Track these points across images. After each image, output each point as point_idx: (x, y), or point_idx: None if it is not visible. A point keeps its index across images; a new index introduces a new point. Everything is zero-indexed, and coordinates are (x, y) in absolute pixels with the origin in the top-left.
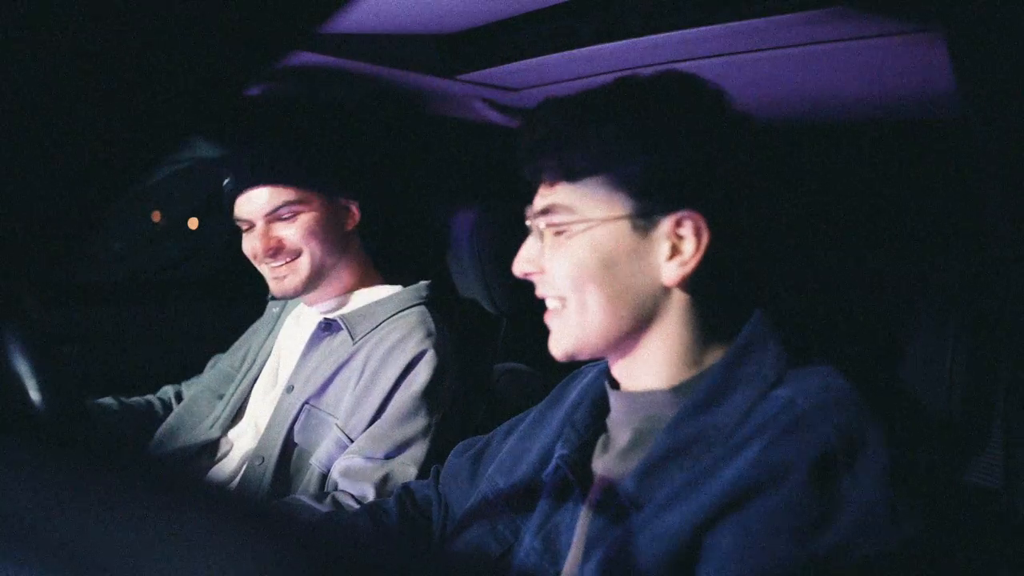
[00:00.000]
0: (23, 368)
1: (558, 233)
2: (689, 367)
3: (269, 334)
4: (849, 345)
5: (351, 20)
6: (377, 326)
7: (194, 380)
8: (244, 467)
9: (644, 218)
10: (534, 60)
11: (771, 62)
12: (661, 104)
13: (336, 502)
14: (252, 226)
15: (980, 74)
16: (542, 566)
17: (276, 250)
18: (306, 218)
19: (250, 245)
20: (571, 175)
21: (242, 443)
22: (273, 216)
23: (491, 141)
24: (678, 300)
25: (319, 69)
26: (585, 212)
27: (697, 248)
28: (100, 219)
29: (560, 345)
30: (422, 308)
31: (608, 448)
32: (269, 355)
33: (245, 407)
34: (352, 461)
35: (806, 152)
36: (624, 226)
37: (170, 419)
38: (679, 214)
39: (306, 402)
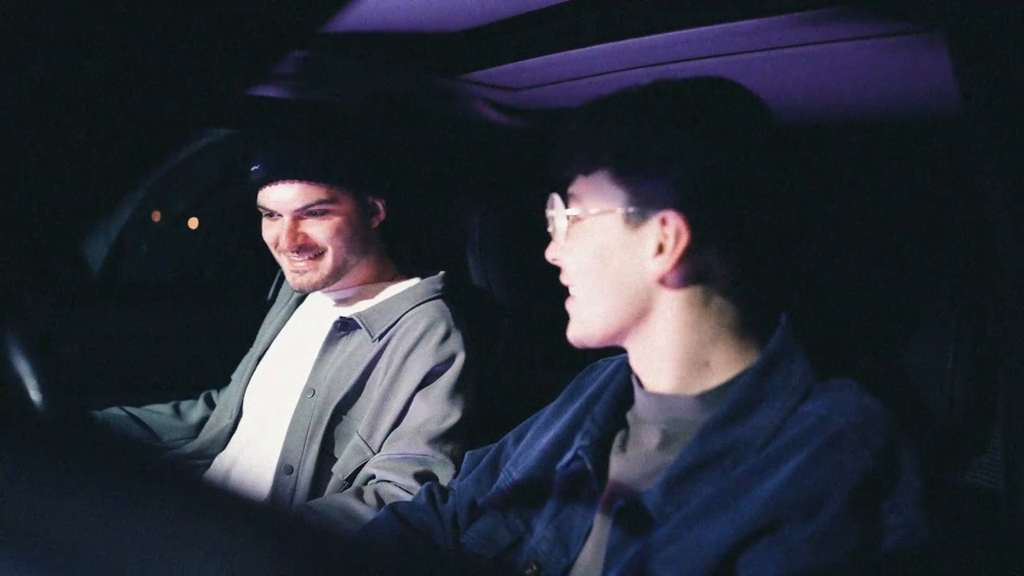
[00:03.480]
0: (23, 368)
1: (570, 223)
2: (699, 367)
3: (283, 324)
4: (850, 346)
5: (352, 20)
6: (396, 322)
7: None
8: (271, 476)
9: (635, 214)
10: (534, 60)
11: (771, 62)
12: (670, 111)
13: (377, 495)
14: (279, 216)
15: (980, 74)
16: (553, 555)
17: (301, 246)
18: (336, 217)
19: (273, 235)
20: (585, 170)
21: (253, 444)
22: (303, 212)
23: (491, 140)
24: (670, 297)
25: (341, 69)
26: (588, 204)
27: (675, 246)
28: (100, 219)
29: (571, 330)
30: (439, 302)
31: (628, 445)
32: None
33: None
34: (388, 457)
35: (804, 153)
36: (616, 219)
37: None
38: (663, 213)
39: (337, 409)
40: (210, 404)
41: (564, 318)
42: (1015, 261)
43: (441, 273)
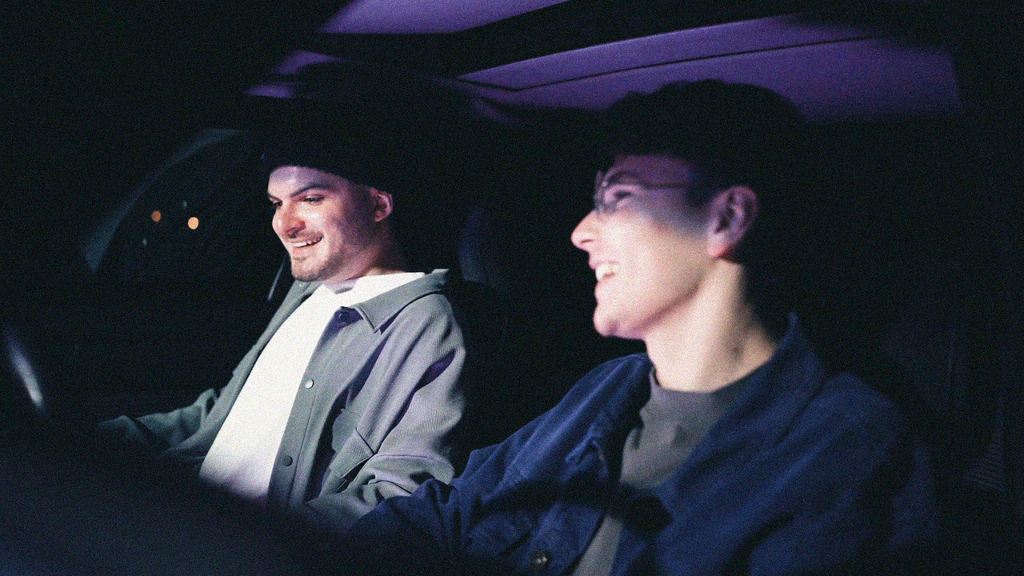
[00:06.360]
0: (23, 368)
1: (620, 199)
2: (729, 354)
3: (284, 320)
4: (850, 345)
5: (352, 20)
6: (397, 314)
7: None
8: (270, 467)
9: (700, 188)
10: (534, 60)
11: (771, 62)
12: (734, 100)
13: (378, 494)
14: (280, 203)
15: (980, 74)
16: (562, 546)
17: (296, 230)
18: (330, 203)
19: (275, 222)
20: (642, 147)
21: (251, 436)
22: (298, 196)
23: (491, 141)
24: (721, 274)
25: (350, 69)
26: (647, 178)
27: (745, 221)
28: (99, 219)
29: (604, 313)
30: (441, 296)
31: (641, 442)
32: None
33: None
34: (387, 458)
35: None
36: (680, 194)
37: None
38: (733, 189)
39: (337, 402)
40: (211, 408)
41: (564, 318)
42: (1015, 261)
43: (446, 269)
